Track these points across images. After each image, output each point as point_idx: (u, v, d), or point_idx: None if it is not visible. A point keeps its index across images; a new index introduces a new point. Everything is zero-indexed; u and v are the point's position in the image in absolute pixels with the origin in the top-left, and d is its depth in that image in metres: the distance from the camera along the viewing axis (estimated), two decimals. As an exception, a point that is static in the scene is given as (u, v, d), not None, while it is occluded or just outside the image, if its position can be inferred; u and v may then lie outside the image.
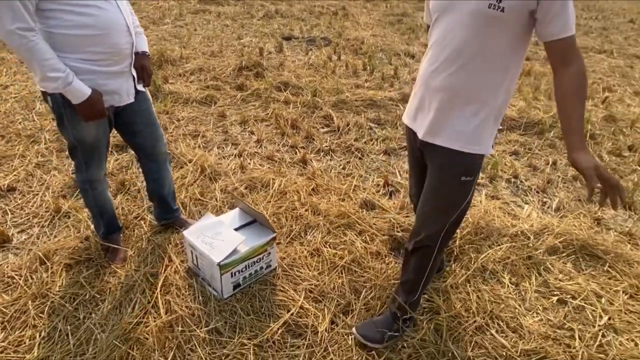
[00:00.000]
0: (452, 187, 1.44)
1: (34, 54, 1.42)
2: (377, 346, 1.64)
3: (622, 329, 1.82)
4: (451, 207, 1.47)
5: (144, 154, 1.98)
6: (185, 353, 1.55)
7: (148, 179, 2.06)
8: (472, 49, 1.29)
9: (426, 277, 1.61)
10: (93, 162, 1.79)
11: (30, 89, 3.56)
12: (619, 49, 6.59)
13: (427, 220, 1.51)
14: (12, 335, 1.60)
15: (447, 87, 1.35)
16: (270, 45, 5.29)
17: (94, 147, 1.74)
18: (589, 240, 2.26)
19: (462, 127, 1.36)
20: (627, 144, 3.44)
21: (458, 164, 1.40)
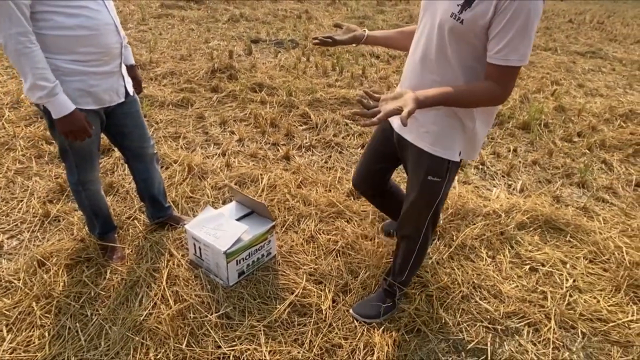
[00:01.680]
0: (421, 185, 1.50)
1: (28, 60, 1.43)
2: (375, 320, 1.78)
3: (586, 288, 2.06)
4: (425, 206, 1.55)
5: (131, 155, 1.99)
6: (199, 338, 1.62)
7: (137, 179, 2.08)
8: (438, 55, 1.30)
9: (413, 261, 1.73)
10: (85, 164, 1.80)
11: (-5, 97, 3.44)
12: (562, 47, 7.17)
13: (409, 216, 1.63)
14: (19, 336, 1.60)
15: (416, 86, 1.36)
16: (239, 48, 5.35)
17: (85, 150, 1.75)
18: (552, 215, 2.52)
19: (428, 127, 1.41)
20: (577, 130, 3.81)
21: (423, 163, 1.46)
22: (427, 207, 1.56)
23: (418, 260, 1.74)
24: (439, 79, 1.33)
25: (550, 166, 3.24)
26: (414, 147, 1.47)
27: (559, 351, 1.74)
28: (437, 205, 1.57)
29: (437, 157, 1.43)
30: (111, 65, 1.69)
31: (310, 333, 1.68)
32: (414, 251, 1.69)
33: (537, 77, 5.30)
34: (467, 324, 1.82)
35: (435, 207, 1.56)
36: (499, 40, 1.17)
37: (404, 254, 1.72)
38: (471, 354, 1.70)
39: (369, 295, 1.89)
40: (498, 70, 1.20)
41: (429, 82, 1.35)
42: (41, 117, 3.21)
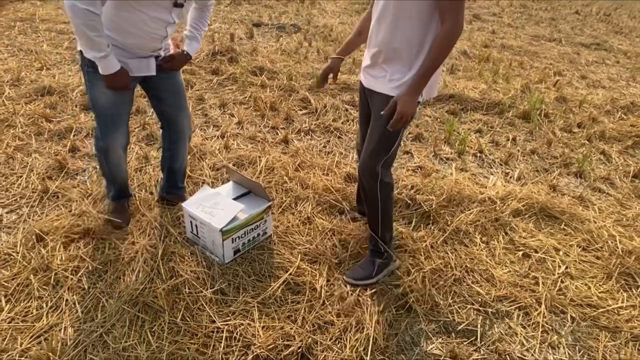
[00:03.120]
0: (384, 129, 1.65)
1: (91, 31, 1.54)
2: (369, 281, 1.86)
3: (577, 275, 2.09)
4: (383, 150, 1.71)
5: (166, 123, 2.08)
6: (194, 312, 1.65)
7: (165, 148, 2.15)
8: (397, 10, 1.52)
9: (382, 212, 1.83)
10: (109, 128, 1.85)
11: (-5, 74, 3.44)
12: (567, 38, 7.11)
13: (365, 165, 1.75)
14: (18, 306, 1.63)
15: (382, 43, 1.59)
16: (241, 32, 5.31)
17: (109, 111, 1.81)
18: (547, 204, 2.53)
19: (392, 76, 1.61)
20: (577, 121, 3.80)
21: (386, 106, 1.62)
22: (385, 151, 1.71)
23: (386, 210, 1.84)
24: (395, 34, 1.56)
25: (549, 156, 3.24)
26: (380, 95, 1.66)
27: (547, 334, 1.77)
28: (393, 151, 1.73)
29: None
30: (145, 54, 1.81)
31: (303, 310, 1.71)
32: (378, 200, 1.79)
33: (540, 68, 5.27)
34: (458, 306, 1.85)
35: (391, 152, 1.73)
36: None
37: (371, 207, 1.83)
38: (461, 335, 1.73)
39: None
40: (442, 4, 1.44)
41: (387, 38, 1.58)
42: (41, 94, 3.21)
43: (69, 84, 3.40)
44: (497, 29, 7.16)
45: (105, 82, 1.71)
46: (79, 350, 1.50)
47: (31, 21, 4.88)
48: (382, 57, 1.63)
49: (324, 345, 1.59)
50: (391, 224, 1.92)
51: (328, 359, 1.55)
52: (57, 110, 3.05)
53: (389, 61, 1.62)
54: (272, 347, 1.55)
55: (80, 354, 1.49)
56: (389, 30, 1.57)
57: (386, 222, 1.87)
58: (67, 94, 3.27)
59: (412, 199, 2.41)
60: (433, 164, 2.94)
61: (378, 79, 1.67)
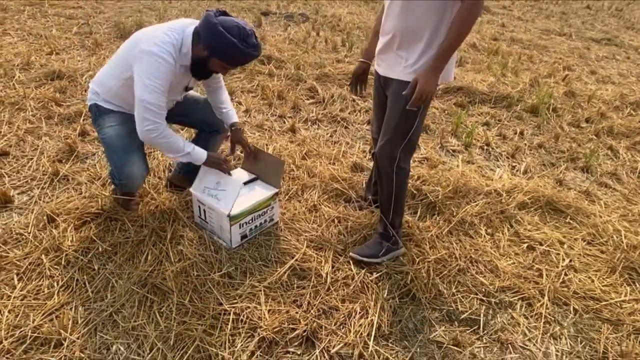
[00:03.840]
0: (400, 115, 1.67)
1: (165, 142, 1.77)
2: (374, 260, 1.89)
3: (581, 268, 2.10)
4: (400, 136, 1.72)
5: (201, 127, 2.16)
6: (202, 294, 1.68)
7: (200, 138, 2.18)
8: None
9: (395, 198, 1.86)
10: (122, 159, 1.83)
11: (6, 58, 3.46)
12: (577, 32, 7.03)
13: (384, 150, 1.77)
14: (29, 285, 1.66)
15: (394, 27, 1.60)
16: (249, 20, 5.30)
17: (120, 141, 1.83)
18: (553, 197, 2.53)
19: (407, 62, 1.62)
20: (585, 116, 3.78)
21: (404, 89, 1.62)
22: (402, 137, 1.73)
23: (399, 196, 1.86)
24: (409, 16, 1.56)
25: (556, 150, 3.23)
26: (396, 82, 1.67)
27: (550, 325, 1.79)
28: (411, 136, 1.74)
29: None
30: None
31: (308, 295, 1.73)
32: (393, 186, 1.82)
33: (549, 62, 5.22)
34: (462, 295, 1.87)
35: (409, 137, 1.73)
36: None
37: (386, 193, 1.86)
38: (464, 324, 1.75)
39: None
40: None
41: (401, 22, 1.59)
42: (51, 79, 3.24)
43: (79, 69, 3.42)
44: (507, 22, 7.09)
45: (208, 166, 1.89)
46: (89, 328, 1.53)
47: (40, 5, 4.89)
48: (397, 42, 1.62)
49: (329, 329, 1.62)
50: (402, 210, 1.95)
51: (332, 343, 1.57)
52: (67, 94, 3.07)
53: (404, 46, 1.61)
54: (278, 330, 1.57)
55: (90, 332, 1.52)
56: (403, 13, 1.56)
57: (398, 208, 1.90)
58: (76, 78, 3.29)
59: (418, 190, 2.42)
60: (439, 155, 2.95)
61: (394, 66, 1.67)
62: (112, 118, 1.87)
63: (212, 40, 1.63)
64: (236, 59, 1.70)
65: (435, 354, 1.60)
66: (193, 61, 1.74)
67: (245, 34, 1.63)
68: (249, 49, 1.64)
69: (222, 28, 1.59)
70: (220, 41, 1.61)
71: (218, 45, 1.63)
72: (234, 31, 1.61)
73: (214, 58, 1.70)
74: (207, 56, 1.70)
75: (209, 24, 1.61)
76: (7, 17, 4.42)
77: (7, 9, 4.62)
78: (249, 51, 1.64)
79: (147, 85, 1.64)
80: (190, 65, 1.76)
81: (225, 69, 1.79)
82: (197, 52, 1.71)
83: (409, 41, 1.60)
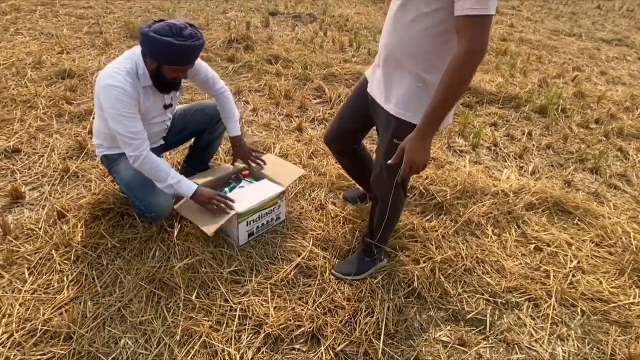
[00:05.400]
0: (388, 148, 1.50)
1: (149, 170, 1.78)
2: (356, 278, 1.82)
3: (590, 270, 2.08)
4: (391, 170, 1.54)
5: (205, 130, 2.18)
6: (209, 291, 1.70)
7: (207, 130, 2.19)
8: (403, 14, 1.32)
9: (387, 222, 1.76)
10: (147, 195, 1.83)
11: (18, 57, 3.51)
12: (587, 33, 6.96)
13: (378, 180, 1.66)
14: (40, 279, 1.69)
15: (387, 47, 1.43)
16: (257, 20, 5.32)
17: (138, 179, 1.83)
18: (562, 199, 2.52)
19: (396, 91, 1.43)
20: (594, 117, 3.74)
21: (391, 126, 1.48)
22: (393, 171, 1.55)
23: (391, 221, 1.78)
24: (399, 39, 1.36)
25: (565, 151, 3.21)
26: (384, 111, 1.49)
27: (557, 327, 1.78)
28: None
29: (404, 121, 1.43)
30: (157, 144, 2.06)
31: (314, 293, 1.74)
32: (386, 213, 1.72)
33: (559, 63, 5.18)
34: (468, 296, 1.87)
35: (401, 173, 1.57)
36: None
37: (378, 215, 1.77)
38: (470, 324, 1.75)
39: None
40: (459, 23, 1.16)
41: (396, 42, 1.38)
42: (62, 77, 3.28)
43: (89, 68, 3.46)
44: (515, 23, 7.04)
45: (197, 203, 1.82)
46: (98, 322, 1.55)
47: (52, 5, 4.96)
48: (384, 62, 1.46)
49: (334, 327, 1.62)
50: (393, 230, 1.87)
51: (338, 341, 1.58)
52: (78, 93, 3.12)
53: (391, 71, 1.43)
54: (284, 327, 1.58)
55: (99, 326, 1.54)
56: (395, 32, 1.37)
57: (388, 229, 1.81)
58: (86, 77, 3.33)
59: (426, 190, 2.42)
60: (447, 156, 2.94)
61: (379, 90, 1.51)
62: (124, 162, 1.87)
63: (152, 48, 1.64)
64: (179, 57, 1.66)
65: (441, 353, 1.60)
66: (151, 77, 1.75)
67: (177, 30, 1.61)
68: (186, 41, 1.61)
69: (154, 34, 1.59)
70: (157, 46, 1.61)
71: (157, 51, 1.63)
72: (165, 31, 1.60)
73: (162, 65, 1.70)
74: (157, 67, 1.71)
75: (144, 36, 1.63)
76: (20, 17, 4.49)
77: (20, 9, 4.69)
78: (187, 44, 1.61)
79: (112, 115, 1.67)
80: (152, 83, 1.77)
81: (180, 72, 1.75)
82: (149, 67, 1.73)
83: (395, 67, 1.42)
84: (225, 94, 2.06)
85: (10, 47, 3.70)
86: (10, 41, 3.81)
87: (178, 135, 2.12)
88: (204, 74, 1.96)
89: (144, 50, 1.70)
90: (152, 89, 1.79)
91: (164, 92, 1.84)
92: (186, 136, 2.19)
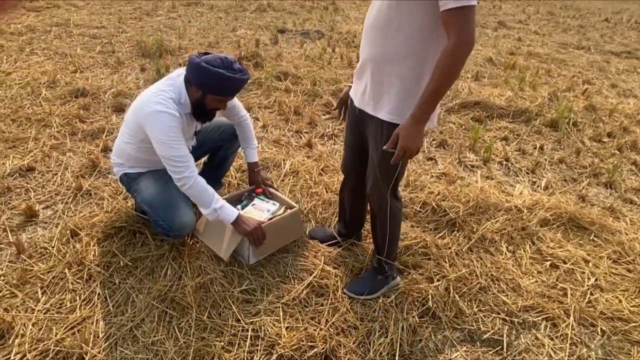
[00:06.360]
0: (381, 156, 1.49)
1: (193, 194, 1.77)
2: (368, 297, 1.80)
3: (608, 288, 2.03)
4: (385, 179, 1.57)
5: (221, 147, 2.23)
6: (221, 310, 1.68)
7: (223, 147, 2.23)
8: (385, 23, 1.34)
9: (390, 234, 1.74)
10: (169, 213, 1.82)
11: (33, 76, 3.59)
12: (596, 46, 6.95)
13: (374, 190, 1.65)
14: (53, 298, 1.69)
15: (372, 58, 1.42)
16: (266, 38, 5.40)
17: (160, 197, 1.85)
18: (576, 214, 2.48)
19: (386, 98, 1.43)
20: (607, 130, 3.71)
21: (383, 133, 1.47)
22: (387, 179, 1.58)
23: (393, 232, 1.75)
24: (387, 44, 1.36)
25: (577, 165, 3.17)
26: (375, 119, 1.49)
27: (576, 347, 1.73)
28: (397, 178, 1.60)
29: (396, 125, 1.42)
30: None
31: (327, 313, 1.72)
32: (387, 224, 1.71)
33: (568, 76, 5.17)
34: (484, 315, 1.83)
35: (397, 176, 1.59)
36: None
37: (380, 229, 1.76)
38: (486, 344, 1.71)
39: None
40: (444, 17, 1.22)
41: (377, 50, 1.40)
42: (76, 96, 3.34)
43: (102, 87, 3.53)
44: (523, 37, 7.06)
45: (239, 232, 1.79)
46: (110, 342, 1.54)
47: (66, 26, 5.08)
48: (371, 73, 1.44)
49: (348, 347, 1.59)
50: (397, 242, 1.84)
51: (352, 362, 1.55)
52: (90, 111, 3.17)
53: (380, 79, 1.42)
54: (296, 347, 1.56)
55: (111, 346, 1.53)
56: (380, 40, 1.37)
57: (392, 242, 1.78)
58: (99, 96, 3.39)
59: (438, 205, 2.40)
60: (457, 171, 2.92)
61: (369, 100, 1.49)
62: (144, 180, 1.90)
63: (201, 77, 1.68)
64: (228, 88, 1.72)
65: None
66: (192, 105, 1.79)
67: (228, 63, 1.68)
68: (236, 74, 1.67)
69: (206, 64, 1.65)
70: (208, 76, 1.65)
71: (207, 80, 1.68)
72: (217, 63, 1.66)
73: (208, 94, 1.74)
74: (201, 95, 1.75)
75: (194, 64, 1.67)
76: (34, 37, 4.60)
77: (35, 30, 4.82)
78: (237, 76, 1.67)
79: (164, 142, 1.69)
80: (191, 111, 1.81)
81: (222, 102, 1.81)
82: (192, 96, 1.77)
83: (384, 74, 1.40)
84: (246, 122, 2.12)
85: (25, 66, 3.79)
86: (25, 61, 3.91)
87: (196, 152, 2.13)
88: (232, 103, 2.02)
89: (191, 79, 1.73)
90: (189, 116, 1.84)
91: (200, 120, 1.89)
92: (203, 153, 2.22)
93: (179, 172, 1.72)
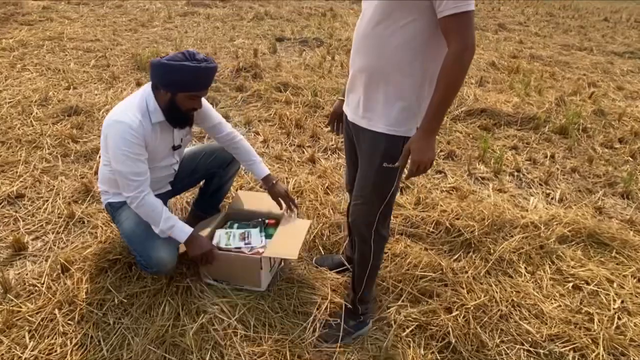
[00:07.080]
0: (376, 173, 1.40)
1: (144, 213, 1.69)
2: (334, 345, 1.60)
3: (635, 311, 1.90)
4: (377, 197, 1.44)
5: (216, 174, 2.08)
6: (224, 351, 1.55)
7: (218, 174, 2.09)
8: (378, 31, 1.27)
9: (370, 269, 1.59)
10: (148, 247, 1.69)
11: (24, 94, 3.47)
12: (598, 46, 6.86)
13: (359, 212, 1.50)
14: (42, 343, 1.56)
15: (365, 68, 1.34)
16: (264, 47, 5.29)
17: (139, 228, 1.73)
18: (595, 229, 2.35)
19: (383, 109, 1.34)
20: (618, 136, 3.59)
21: (380, 147, 1.37)
22: (379, 198, 1.44)
23: (375, 265, 1.60)
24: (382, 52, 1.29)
25: (591, 174, 3.05)
26: (369, 133, 1.38)
27: (608, 381, 1.60)
28: (390, 197, 1.45)
29: (395, 137, 1.34)
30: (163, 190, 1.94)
31: (337, 352, 1.59)
32: (370, 255, 1.55)
33: (573, 79, 5.06)
34: (507, 347, 1.70)
35: (389, 198, 1.45)
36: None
37: (359, 260, 1.59)
38: (512, 380, 1.58)
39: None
40: (444, 24, 1.18)
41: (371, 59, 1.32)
42: (68, 114, 3.22)
43: (96, 103, 3.41)
44: (524, 39, 6.97)
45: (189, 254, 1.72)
46: (103, 394, 1.41)
47: (59, 39, 4.97)
48: (365, 84, 1.35)
49: (364, 392, 1.46)
50: (374, 281, 1.68)
51: (368, 409, 1.42)
52: (84, 130, 3.04)
53: (376, 90, 1.33)
54: (308, 394, 1.43)
55: (105, 399, 1.40)
56: (375, 49, 1.29)
57: (371, 279, 1.63)
58: (93, 113, 3.27)
59: (452, 225, 2.27)
60: (469, 184, 2.80)
61: (363, 112, 1.38)
62: (126, 210, 1.77)
63: (165, 76, 1.59)
64: (196, 80, 1.61)
65: (484, 420, 1.43)
66: (164, 111, 1.67)
67: (191, 54, 1.57)
68: (201, 63, 1.56)
69: (167, 61, 1.56)
70: (172, 71, 1.56)
71: (172, 76, 1.58)
72: (179, 57, 1.57)
73: (178, 93, 1.63)
74: (171, 97, 1.64)
75: (156, 65, 1.59)
76: (27, 52, 4.49)
77: (27, 44, 4.70)
78: (202, 65, 1.56)
79: (116, 154, 1.60)
80: (164, 117, 1.69)
81: (195, 99, 1.68)
82: (162, 100, 1.66)
83: (378, 84, 1.32)
84: (236, 139, 1.95)
85: (16, 84, 3.67)
86: (16, 78, 3.79)
87: (187, 178, 2.01)
88: (214, 118, 1.90)
89: (156, 81, 1.64)
90: (163, 126, 1.72)
91: (178, 127, 1.76)
92: (195, 180, 2.09)
93: (129, 188, 1.62)
